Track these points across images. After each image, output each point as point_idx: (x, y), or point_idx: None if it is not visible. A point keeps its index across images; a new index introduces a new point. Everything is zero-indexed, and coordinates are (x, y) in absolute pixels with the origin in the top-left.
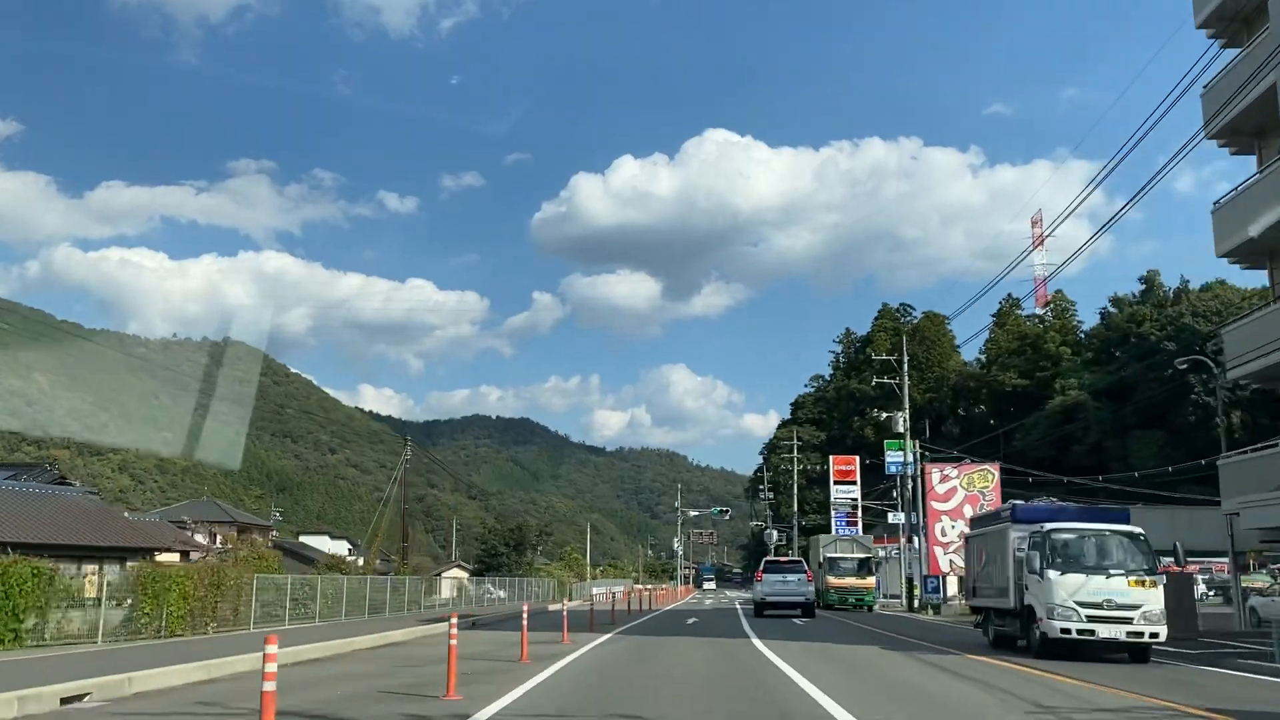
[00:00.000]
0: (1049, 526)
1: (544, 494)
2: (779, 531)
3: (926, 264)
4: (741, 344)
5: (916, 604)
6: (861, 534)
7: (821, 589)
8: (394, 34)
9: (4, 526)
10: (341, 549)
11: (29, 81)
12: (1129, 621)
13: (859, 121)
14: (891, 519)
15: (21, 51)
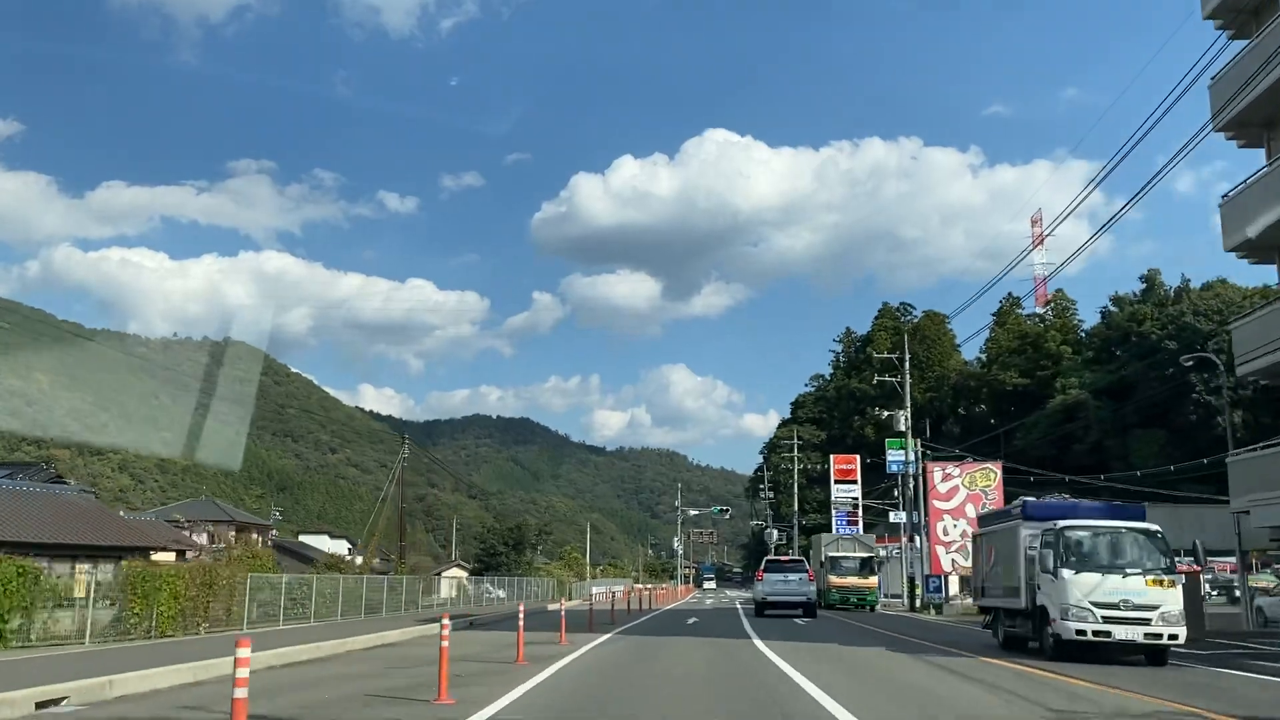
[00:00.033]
0: (1063, 524)
1: (544, 494)
2: (779, 531)
3: (926, 264)
4: (741, 344)
5: (918, 604)
6: (862, 533)
7: (823, 588)
8: (394, 34)
9: None
10: (341, 548)
11: (29, 81)
12: (1147, 623)
13: (859, 121)
14: (893, 518)
15: (22, 51)
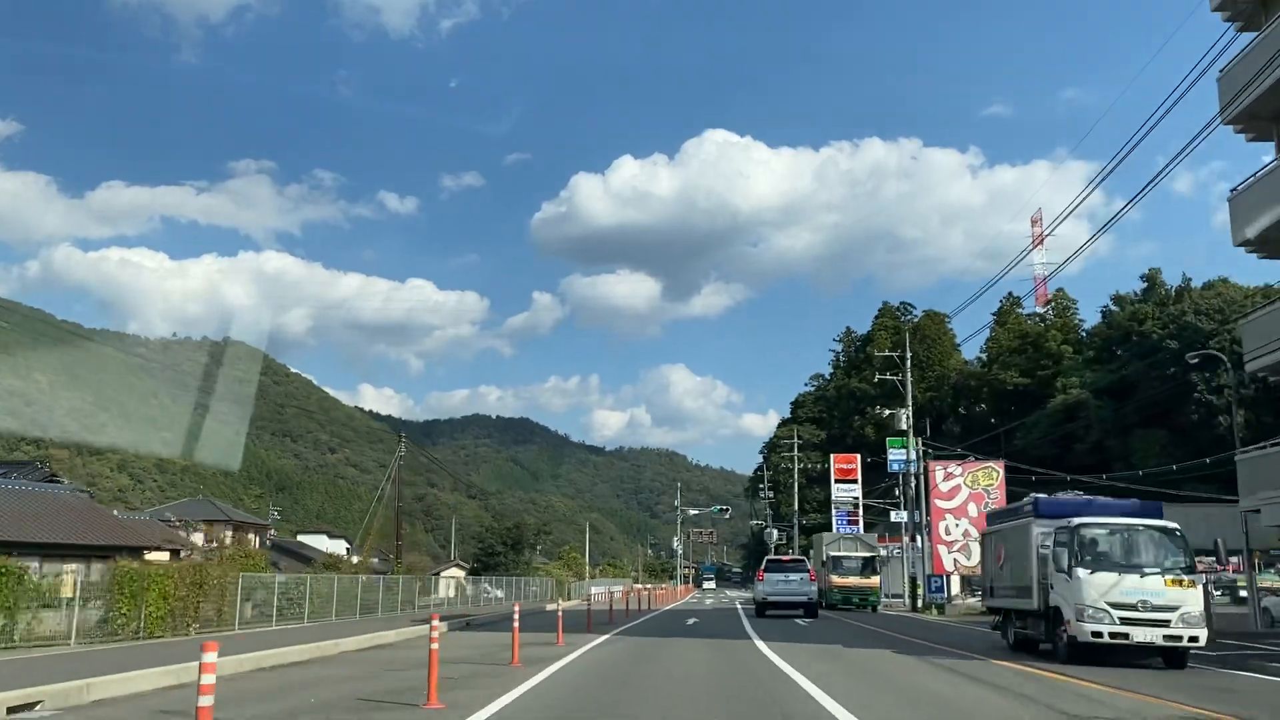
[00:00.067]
0: (1077, 521)
1: (544, 493)
2: (779, 531)
3: (926, 264)
4: (741, 344)
5: (920, 604)
6: (863, 533)
7: (824, 588)
8: (394, 34)
9: None
10: (340, 548)
11: (29, 82)
12: (1166, 624)
13: (859, 122)
14: (894, 517)
15: (21, 52)
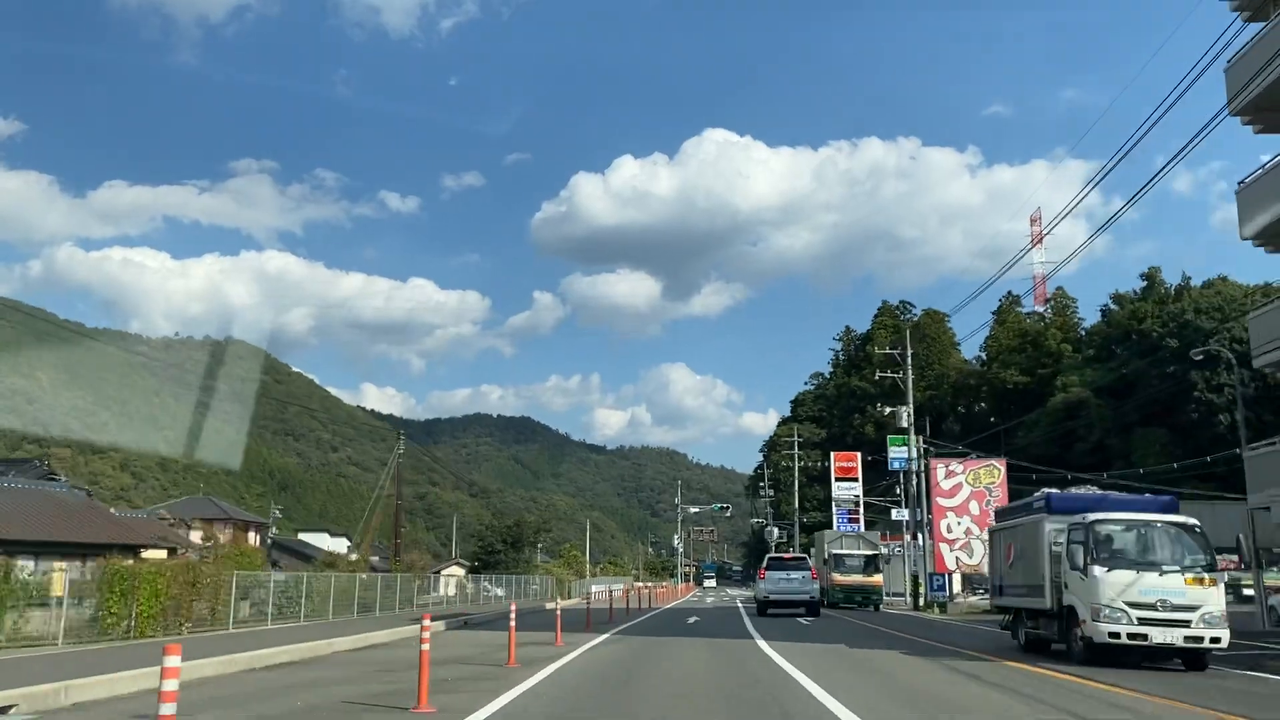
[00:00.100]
0: (1092, 517)
1: (545, 492)
2: (779, 529)
3: (925, 263)
4: (741, 343)
5: (922, 602)
6: (864, 530)
7: (826, 587)
8: (394, 34)
9: None
10: (341, 547)
11: (31, 81)
12: (1186, 625)
13: (858, 121)
14: (895, 515)
15: (23, 51)
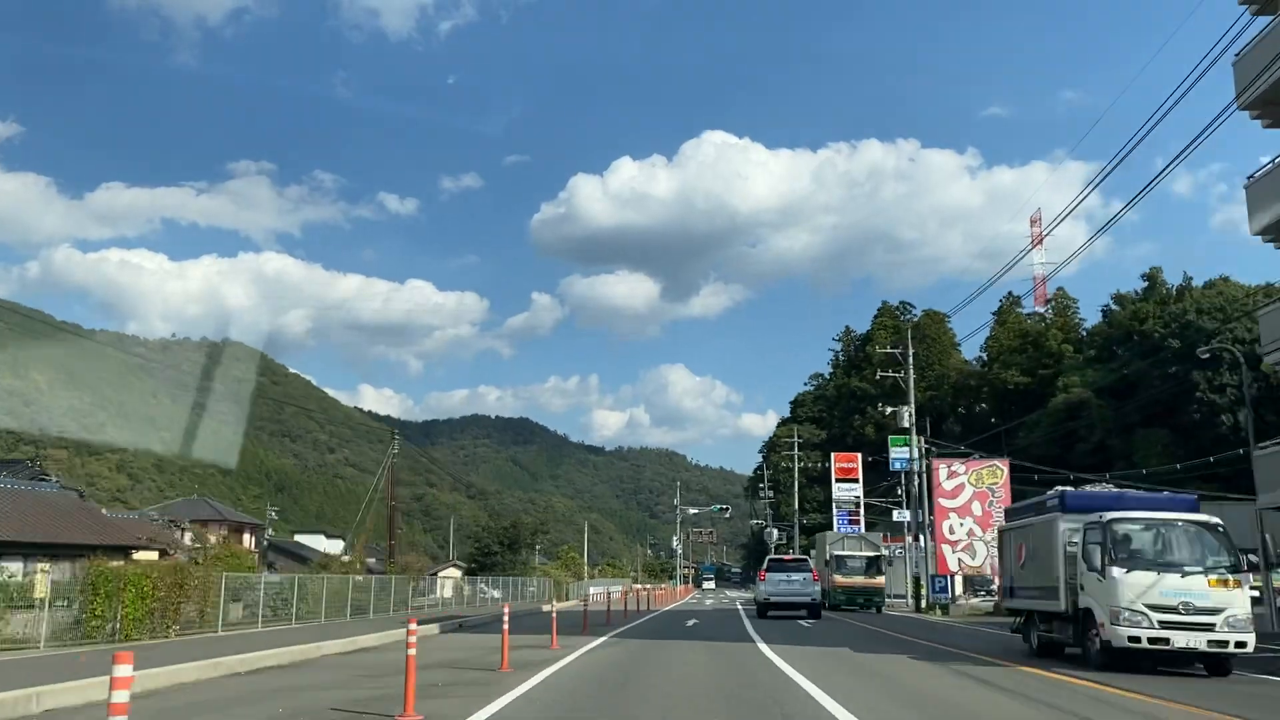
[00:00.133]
0: (1110, 516)
1: (543, 493)
2: (779, 530)
3: (925, 265)
4: (740, 344)
5: (924, 604)
6: (865, 531)
7: (828, 588)
8: (393, 36)
9: None
10: (337, 548)
11: (29, 82)
12: (1210, 629)
13: (857, 123)
14: (896, 517)
15: (21, 52)
